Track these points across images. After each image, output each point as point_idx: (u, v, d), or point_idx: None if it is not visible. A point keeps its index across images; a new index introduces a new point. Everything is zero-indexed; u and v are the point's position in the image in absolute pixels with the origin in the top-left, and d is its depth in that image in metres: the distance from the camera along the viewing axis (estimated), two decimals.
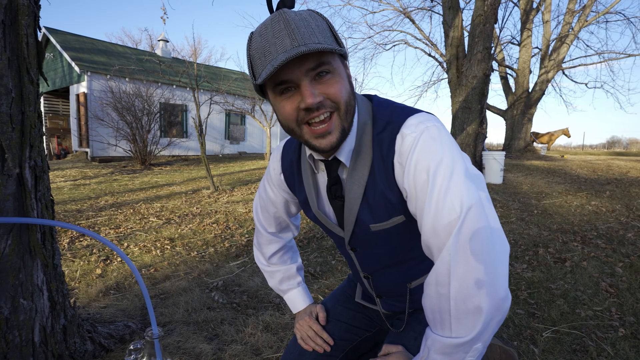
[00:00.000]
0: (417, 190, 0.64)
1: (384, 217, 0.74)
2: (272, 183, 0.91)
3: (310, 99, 0.61)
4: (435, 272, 0.59)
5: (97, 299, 2.17)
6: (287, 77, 0.61)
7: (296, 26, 0.60)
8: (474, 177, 0.62)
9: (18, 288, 0.97)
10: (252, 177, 8.16)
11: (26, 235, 1.02)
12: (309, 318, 0.98)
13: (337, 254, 2.94)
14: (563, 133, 16.42)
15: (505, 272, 0.57)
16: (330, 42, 0.63)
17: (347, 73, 0.69)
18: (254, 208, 1.01)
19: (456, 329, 0.58)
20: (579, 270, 2.49)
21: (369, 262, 0.86)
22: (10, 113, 0.92)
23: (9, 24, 0.89)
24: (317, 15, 0.65)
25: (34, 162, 1.06)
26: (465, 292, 0.56)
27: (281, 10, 0.63)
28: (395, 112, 0.71)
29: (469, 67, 6.78)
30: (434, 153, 0.62)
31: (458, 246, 0.57)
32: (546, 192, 5.79)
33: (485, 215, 0.58)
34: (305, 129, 0.65)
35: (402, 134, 0.67)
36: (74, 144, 12.89)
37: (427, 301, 0.62)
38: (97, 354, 1.41)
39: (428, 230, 0.61)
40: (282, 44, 0.59)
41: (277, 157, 0.89)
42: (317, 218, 0.84)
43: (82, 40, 14.03)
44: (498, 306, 0.56)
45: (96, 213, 4.50)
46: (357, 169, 0.72)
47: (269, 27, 0.61)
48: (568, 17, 12.45)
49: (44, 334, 1.07)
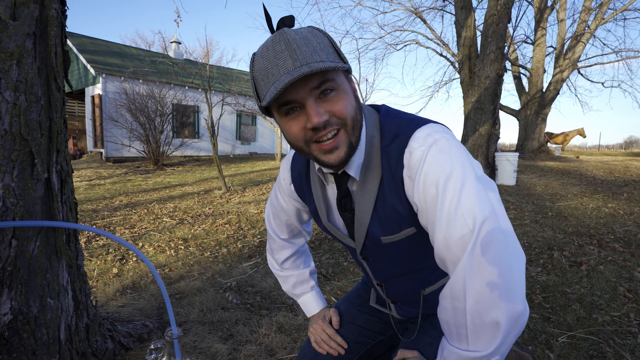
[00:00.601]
0: (427, 205, 0.63)
1: (394, 230, 0.73)
2: (283, 192, 0.92)
3: (316, 119, 0.61)
4: (451, 286, 0.59)
5: (114, 298, 2.22)
6: (292, 97, 0.61)
7: (297, 46, 0.59)
8: (486, 189, 0.61)
9: (45, 288, 1.01)
10: (263, 178, 8.21)
11: (53, 236, 1.05)
12: (322, 322, 0.98)
13: (349, 256, 2.95)
14: (578, 133, 16.07)
15: (521, 284, 0.56)
16: (333, 58, 0.62)
17: (352, 87, 0.68)
18: (265, 215, 1.02)
19: (473, 342, 0.57)
20: (595, 274, 2.45)
21: (381, 271, 0.86)
22: (40, 120, 0.96)
23: (39, 35, 0.93)
24: (318, 32, 0.65)
25: (60, 166, 1.10)
26: (481, 307, 0.55)
27: (281, 30, 0.62)
28: (403, 123, 0.70)
29: (482, 68, 6.70)
30: (443, 166, 0.61)
31: (473, 261, 0.56)
32: (561, 193, 5.69)
33: (500, 227, 0.57)
34: (313, 146, 0.65)
35: (411, 148, 0.66)
36: (89, 144, 13.17)
37: (443, 314, 0.62)
38: (117, 352, 1.45)
39: (441, 245, 0.60)
40: (284, 65, 0.59)
41: (286, 167, 0.89)
42: (327, 230, 0.84)
43: (97, 43, 14.34)
44: (516, 320, 0.55)
45: (111, 213, 4.60)
46: (366, 182, 0.72)
47: (270, 48, 0.61)
48: (584, 15, 12.20)
49: (69, 332, 1.11)
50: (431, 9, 11.96)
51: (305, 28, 0.64)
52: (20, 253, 0.93)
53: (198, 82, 12.46)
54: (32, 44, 0.91)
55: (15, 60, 0.87)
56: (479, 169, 0.64)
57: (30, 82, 0.92)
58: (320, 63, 0.58)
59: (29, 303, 0.95)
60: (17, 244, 0.91)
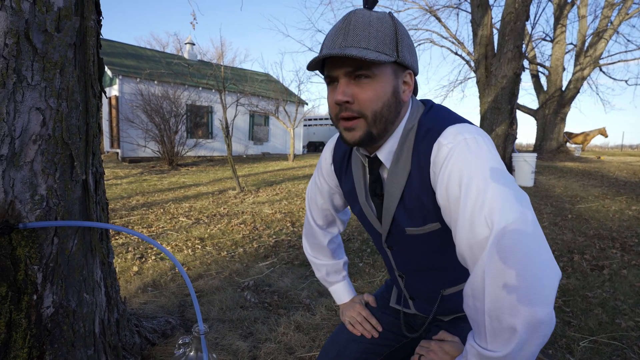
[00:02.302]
0: (450, 203, 0.63)
1: (419, 222, 0.75)
2: (322, 172, 0.95)
3: (339, 96, 0.66)
4: (471, 286, 0.59)
5: (136, 296, 2.29)
6: (331, 72, 0.68)
7: (354, 27, 0.65)
8: (515, 196, 0.58)
9: (82, 283, 1.07)
10: (276, 178, 8.28)
11: (88, 235, 1.11)
12: (359, 305, 1.01)
13: (364, 257, 2.96)
14: (600, 133, 15.66)
15: (548, 295, 0.53)
16: (384, 49, 0.65)
17: (398, 82, 0.69)
18: (306, 198, 1.06)
19: (491, 342, 0.57)
20: (618, 278, 2.40)
21: (404, 262, 0.87)
22: (78, 125, 1.01)
23: (79, 45, 0.98)
24: (388, 19, 0.67)
25: (95, 168, 1.15)
26: (499, 311, 0.54)
27: (355, 9, 0.68)
28: (439, 119, 0.71)
29: (499, 67, 6.61)
30: (468, 166, 0.60)
31: (492, 263, 0.55)
32: (581, 195, 5.57)
33: (525, 233, 0.55)
34: (340, 121, 0.70)
35: (439, 143, 0.67)
36: (105, 145, 13.48)
37: (467, 309, 0.62)
38: (144, 347, 1.51)
39: (462, 245, 0.61)
40: (336, 40, 0.66)
41: (330, 147, 0.93)
42: (362, 210, 0.86)
43: (113, 45, 14.68)
44: (535, 327, 0.53)
45: (129, 212, 4.71)
46: (396, 171, 0.74)
47: (338, 22, 0.68)
48: (607, 10, 11.88)
49: (102, 326, 1.17)
50: (446, 7, 11.85)
51: (377, 13, 0.68)
52: (61, 250, 0.98)
53: (212, 83, 12.64)
54: (72, 54, 0.97)
55: (58, 69, 0.93)
56: (510, 178, 0.64)
57: (71, 89, 0.97)
58: (358, 50, 0.63)
59: (68, 297, 1.01)
60: (59, 242, 0.97)
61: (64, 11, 0.94)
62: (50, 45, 0.90)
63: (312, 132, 20.03)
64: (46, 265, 0.94)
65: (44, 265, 0.94)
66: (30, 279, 0.92)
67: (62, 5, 0.94)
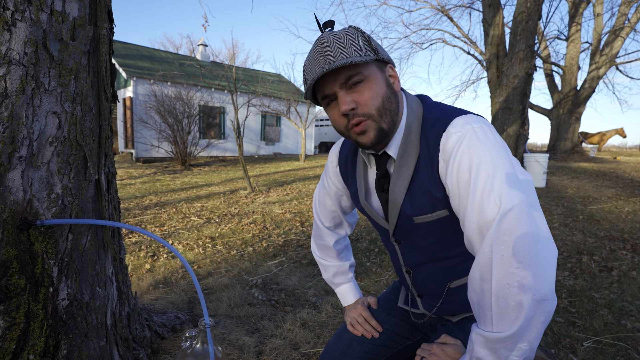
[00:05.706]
0: (459, 189, 0.66)
1: (427, 210, 0.77)
2: (329, 174, 1.00)
3: (344, 107, 0.71)
4: (479, 265, 0.61)
5: (148, 292, 2.36)
6: (327, 91, 0.73)
7: (329, 47, 0.70)
8: (521, 181, 0.63)
9: (95, 278, 1.13)
10: (287, 179, 8.34)
11: (101, 232, 1.17)
12: (361, 306, 1.04)
13: (371, 256, 2.99)
14: (617, 133, 15.25)
15: (550, 273, 0.57)
16: (363, 52, 0.70)
17: (386, 76, 0.75)
18: (313, 201, 1.11)
19: (497, 324, 0.59)
20: (627, 280, 2.37)
21: (411, 255, 0.88)
22: (92, 127, 1.07)
23: (92, 52, 1.04)
24: (353, 30, 0.73)
25: (107, 168, 1.22)
26: (507, 288, 0.57)
27: (321, 34, 0.73)
28: (445, 111, 0.75)
29: (510, 66, 6.53)
30: (478, 153, 0.64)
31: (499, 245, 0.58)
32: (594, 196, 5.46)
33: (530, 217, 0.59)
34: (351, 130, 0.74)
35: (448, 133, 0.70)
36: (120, 145, 13.77)
37: (472, 294, 0.64)
38: (154, 340, 1.57)
39: (471, 227, 0.63)
40: (318, 64, 0.70)
41: (335, 151, 0.98)
42: (364, 209, 0.90)
43: (128, 47, 14.99)
44: (540, 304, 0.56)
45: (142, 212, 4.82)
46: (403, 163, 0.77)
47: (311, 51, 0.73)
48: (624, 7, 11.56)
49: (114, 318, 1.23)
50: (458, 7, 11.73)
51: (342, 29, 0.74)
52: (75, 246, 1.04)
53: (224, 84, 12.79)
54: (86, 60, 1.03)
55: (73, 75, 0.99)
56: (515, 162, 0.68)
57: (85, 94, 1.03)
58: (344, 59, 0.67)
59: (82, 291, 1.07)
60: (73, 238, 1.03)
61: (78, 20, 1.01)
62: (65, 53, 0.96)
63: (323, 133, 20.08)
64: (61, 260, 1.00)
65: (60, 259, 1.00)
66: (47, 272, 0.98)
67: (77, 15, 1.00)
